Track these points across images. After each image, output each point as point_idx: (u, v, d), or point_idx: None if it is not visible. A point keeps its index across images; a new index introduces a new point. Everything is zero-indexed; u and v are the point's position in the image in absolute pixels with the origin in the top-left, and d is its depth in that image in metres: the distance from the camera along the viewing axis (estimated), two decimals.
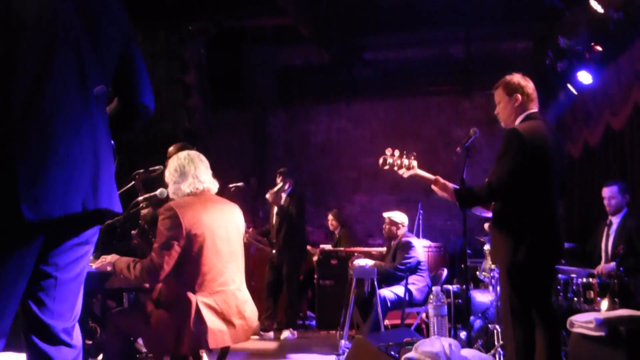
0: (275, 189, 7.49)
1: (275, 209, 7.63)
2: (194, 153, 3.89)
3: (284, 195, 7.60)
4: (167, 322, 3.49)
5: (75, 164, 2.06)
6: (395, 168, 3.90)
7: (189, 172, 3.75)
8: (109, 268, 3.72)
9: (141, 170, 4.75)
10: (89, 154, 2.11)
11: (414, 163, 3.92)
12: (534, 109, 3.86)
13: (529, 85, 3.89)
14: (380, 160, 3.89)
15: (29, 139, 2.00)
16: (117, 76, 2.33)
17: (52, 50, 2.08)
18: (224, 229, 3.70)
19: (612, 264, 5.34)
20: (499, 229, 3.72)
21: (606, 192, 5.87)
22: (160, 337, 3.50)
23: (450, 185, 3.84)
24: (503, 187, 3.62)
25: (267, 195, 7.39)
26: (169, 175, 3.82)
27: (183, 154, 3.86)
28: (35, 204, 1.96)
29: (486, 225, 4.41)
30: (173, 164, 3.81)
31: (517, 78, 3.91)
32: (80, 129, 2.10)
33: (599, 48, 6.90)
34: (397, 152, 3.89)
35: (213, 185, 3.85)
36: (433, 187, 3.89)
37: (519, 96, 3.83)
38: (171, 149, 5.23)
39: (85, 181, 2.09)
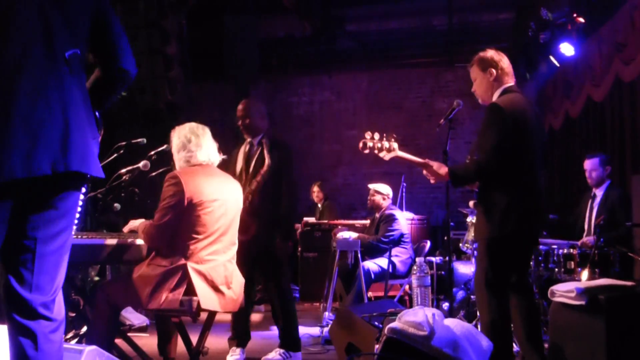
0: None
1: None
2: (197, 125, 3.98)
3: None
4: (150, 278, 3.58)
5: (41, 125, 2.03)
6: (376, 151, 3.88)
7: (194, 144, 3.86)
8: (134, 225, 3.85)
9: (123, 143, 4.70)
10: (57, 116, 2.08)
11: (395, 145, 3.90)
12: (510, 82, 3.86)
13: (503, 60, 3.88)
14: (360, 145, 3.86)
15: None
16: (93, 41, 2.31)
17: (11, 11, 2.04)
18: (224, 202, 3.80)
19: (593, 237, 5.40)
20: (484, 204, 3.73)
21: (588, 164, 5.91)
22: (139, 289, 3.59)
23: (442, 166, 3.82)
24: (492, 163, 3.61)
25: None
26: (174, 146, 3.93)
27: (188, 126, 3.95)
28: None
29: (471, 203, 4.42)
30: (178, 135, 3.91)
31: (490, 53, 3.90)
32: (46, 91, 2.07)
33: (581, 19, 6.92)
34: (377, 135, 3.86)
35: (217, 158, 3.98)
36: (425, 172, 3.88)
37: (494, 70, 3.83)
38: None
39: (53, 143, 2.05)
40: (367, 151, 3.87)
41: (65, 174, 2.09)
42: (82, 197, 2.32)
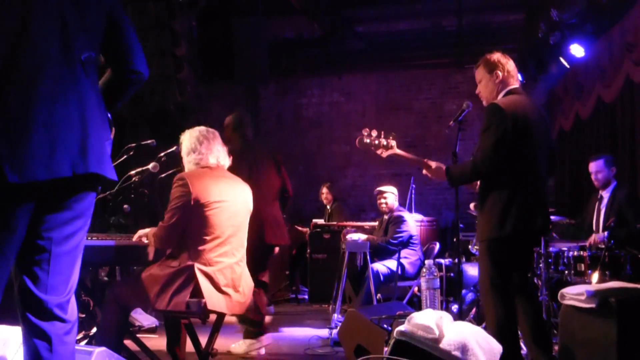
0: None
1: None
2: (208, 129, 4.03)
3: None
4: (159, 278, 3.62)
5: (61, 128, 2.04)
6: (373, 148, 3.89)
7: (204, 147, 3.90)
8: (144, 240, 3.85)
9: (133, 145, 4.72)
10: (75, 118, 2.09)
11: (393, 143, 3.90)
12: (515, 84, 3.86)
13: (510, 62, 3.88)
14: (357, 141, 3.88)
15: (8, 101, 1.97)
16: (106, 43, 2.31)
17: (29, 14, 2.05)
18: (232, 204, 3.82)
19: (603, 234, 5.37)
20: (484, 205, 3.71)
21: (592, 166, 5.88)
22: (148, 288, 3.63)
23: (441, 166, 3.84)
24: (488, 162, 3.59)
25: None
26: (184, 148, 3.97)
27: (198, 129, 3.99)
28: (18, 167, 1.94)
29: (472, 205, 4.42)
30: (189, 138, 3.95)
31: (497, 56, 3.90)
32: (64, 93, 2.08)
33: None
34: (374, 132, 3.88)
35: (226, 161, 4.02)
36: (424, 171, 3.90)
37: (499, 73, 3.83)
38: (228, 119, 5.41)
39: (72, 145, 2.07)
40: (363, 147, 3.87)
41: (84, 175, 2.10)
42: None
